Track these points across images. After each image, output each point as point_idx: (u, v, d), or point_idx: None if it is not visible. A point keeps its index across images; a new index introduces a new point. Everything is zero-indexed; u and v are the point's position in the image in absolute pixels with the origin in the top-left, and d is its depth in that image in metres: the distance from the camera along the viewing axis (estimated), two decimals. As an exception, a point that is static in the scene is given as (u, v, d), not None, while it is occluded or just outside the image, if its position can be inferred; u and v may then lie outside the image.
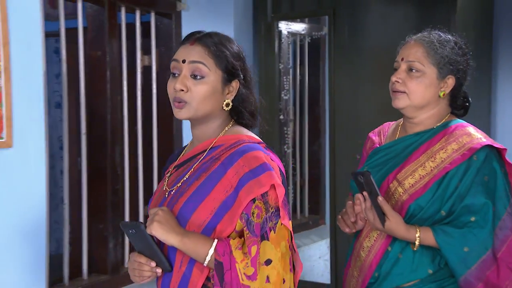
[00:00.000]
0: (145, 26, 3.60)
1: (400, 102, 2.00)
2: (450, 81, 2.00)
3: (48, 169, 2.78)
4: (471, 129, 1.99)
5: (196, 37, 1.73)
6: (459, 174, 1.91)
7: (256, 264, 1.63)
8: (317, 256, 4.13)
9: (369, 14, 3.65)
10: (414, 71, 1.97)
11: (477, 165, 1.90)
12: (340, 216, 2.10)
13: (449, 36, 2.03)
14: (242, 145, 1.72)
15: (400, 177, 1.99)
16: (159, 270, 1.70)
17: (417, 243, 1.89)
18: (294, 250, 1.74)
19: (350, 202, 2.04)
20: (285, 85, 3.98)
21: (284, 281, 1.67)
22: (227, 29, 3.61)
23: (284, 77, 3.97)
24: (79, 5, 3.11)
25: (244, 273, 1.63)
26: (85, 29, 3.23)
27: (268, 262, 1.65)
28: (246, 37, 3.75)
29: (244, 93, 1.78)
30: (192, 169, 1.77)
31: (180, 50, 1.73)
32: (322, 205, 4.51)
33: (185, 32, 3.64)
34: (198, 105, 1.70)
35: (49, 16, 3.62)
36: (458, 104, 2.08)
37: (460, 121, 2.05)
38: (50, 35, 3.59)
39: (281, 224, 1.68)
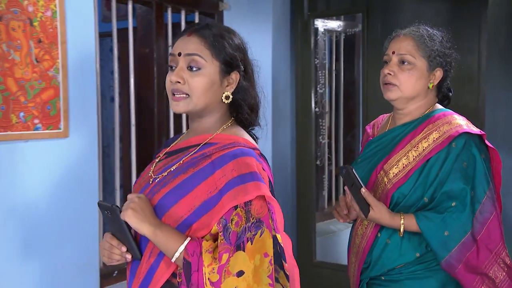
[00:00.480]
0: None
1: (392, 94, 2.00)
2: (438, 73, 2.00)
3: (100, 157, 2.88)
4: (453, 117, 1.98)
5: (194, 29, 1.63)
6: (439, 162, 1.91)
7: (222, 272, 1.49)
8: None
9: (401, 11, 3.62)
10: (405, 63, 1.97)
11: (456, 152, 1.90)
12: (334, 208, 2.13)
13: (436, 31, 2.03)
14: (236, 148, 1.61)
15: (386, 167, 1.99)
16: (128, 256, 1.61)
17: (402, 229, 1.90)
18: (285, 262, 1.57)
19: (342, 195, 2.08)
20: (320, 79, 4.01)
21: None
22: (266, 27, 3.66)
23: (320, 72, 4.00)
24: (130, 7, 3.22)
25: (208, 278, 1.50)
26: (135, 29, 3.35)
27: (240, 273, 1.50)
28: (283, 34, 3.78)
29: (244, 85, 1.68)
30: (181, 161, 1.66)
31: (177, 43, 1.65)
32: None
33: (227, 31, 3.73)
34: (198, 98, 1.59)
35: (106, 18, 3.75)
36: (444, 95, 2.09)
37: (444, 110, 2.04)
38: (106, 35, 3.73)
39: (260, 236, 1.54)
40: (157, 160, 1.76)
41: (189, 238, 1.54)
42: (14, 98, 2.32)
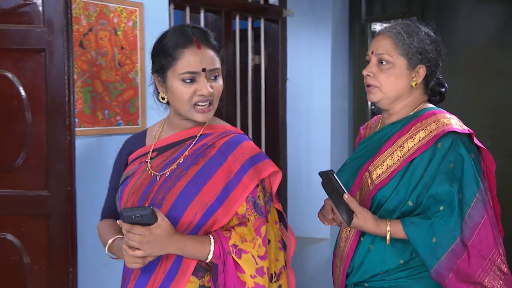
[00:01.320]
0: (256, 31, 3.81)
1: (374, 96, 1.83)
2: (421, 71, 1.79)
3: None
4: (442, 115, 1.76)
5: (200, 39, 1.61)
6: (424, 163, 1.70)
7: (266, 243, 1.57)
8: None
9: (456, 13, 3.59)
10: (384, 63, 1.77)
11: (442, 152, 1.68)
12: (320, 212, 1.92)
13: (419, 26, 1.83)
14: (233, 135, 1.68)
15: (371, 168, 1.79)
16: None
17: (388, 237, 1.68)
18: (287, 229, 1.71)
19: (327, 198, 1.81)
20: None
21: (277, 260, 1.63)
22: (325, 31, 3.74)
23: None
24: (202, 16, 3.37)
25: (257, 256, 1.55)
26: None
27: (268, 242, 1.60)
28: (342, 38, 3.85)
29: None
30: (186, 153, 1.66)
31: (192, 57, 1.57)
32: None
33: (289, 34, 3.82)
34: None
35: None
36: (434, 91, 1.88)
37: (433, 108, 1.83)
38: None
39: (273, 207, 1.67)
40: (148, 158, 1.70)
41: (213, 242, 1.53)
42: (100, 98, 2.52)
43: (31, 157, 2.20)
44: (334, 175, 1.68)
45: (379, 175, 1.76)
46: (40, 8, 2.15)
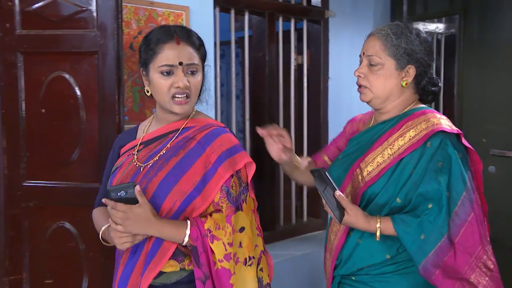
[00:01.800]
0: (299, 32, 3.83)
1: (364, 97, 1.81)
2: (411, 71, 1.76)
3: None
4: (432, 115, 1.74)
5: (181, 36, 1.68)
6: (413, 161, 1.69)
7: (234, 232, 1.63)
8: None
9: (499, 12, 3.48)
10: (373, 64, 1.76)
11: (431, 151, 1.67)
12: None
13: (408, 27, 1.79)
14: (214, 128, 1.74)
15: (362, 165, 1.78)
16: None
17: (378, 233, 1.67)
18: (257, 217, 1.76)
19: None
20: None
21: (256, 246, 1.69)
22: (366, 31, 3.65)
23: None
24: (246, 18, 3.43)
25: (227, 243, 1.61)
26: (250, 37, 3.53)
27: (242, 229, 1.66)
28: (383, 38, 3.81)
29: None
30: (168, 145, 1.72)
31: (170, 51, 1.64)
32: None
33: (331, 34, 3.82)
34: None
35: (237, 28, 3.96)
36: (426, 91, 1.83)
37: (424, 108, 1.80)
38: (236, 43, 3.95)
39: (249, 196, 1.71)
40: (135, 150, 1.76)
41: (189, 224, 1.60)
42: (147, 96, 2.59)
43: (85, 152, 2.31)
44: (326, 173, 1.68)
45: (369, 172, 1.76)
46: (94, 14, 2.25)
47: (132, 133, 1.85)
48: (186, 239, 1.58)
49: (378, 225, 1.66)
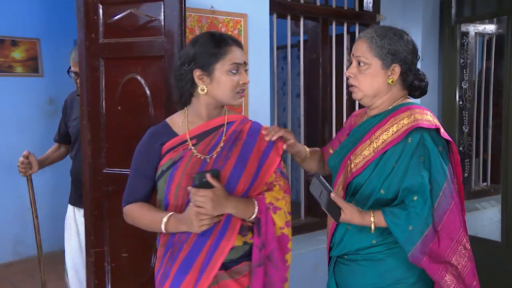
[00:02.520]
0: (351, 35, 3.84)
1: (355, 95, 1.83)
2: (396, 69, 1.76)
3: None
4: (414, 111, 1.74)
5: (237, 41, 1.78)
6: (395, 155, 1.70)
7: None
8: (490, 218, 3.98)
9: None
10: (361, 64, 1.78)
11: (411, 147, 1.68)
12: None
13: (392, 28, 1.80)
14: (251, 122, 1.87)
15: (352, 157, 1.81)
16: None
17: (372, 227, 1.69)
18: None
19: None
20: (465, 77, 3.86)
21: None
22: (415, 33, 3.66)
23: (464, 70, 3.85)
24: (301, 22, 3.48)
25: (287, 212, 1.77)
26: (306, 41, 3.57)
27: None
28: (432, 39, 3.75)
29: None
30: (224, 137, 1.79)
31: (237, 52, 1.74)
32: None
33: (382, 37, 3.78)
34: None
35: (294, 32, 4.03)
36: (414, 87, 1.84)
37: (410, 103, 1.80)
38: (294, 46, 4.01)
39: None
40: (189, 144, 1.78)
41: (256, 202, 1.72)
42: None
43: (154, 144, 2.44)
44: (321, 176, 1.70)
45: (356, 163, 1.78)
46: (162, 23, 2.37)
47: (168, 131, 1.83)
48: (255, 213, 1.70)
49: (372, 219, 1.68)
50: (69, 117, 2.93)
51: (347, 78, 1.85)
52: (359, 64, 1.78)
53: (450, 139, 1.75)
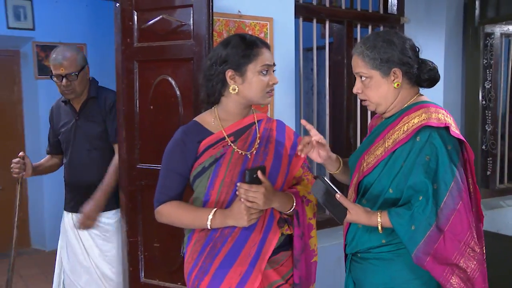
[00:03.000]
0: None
1: (370, 108, 1.77)
2: (398, 72, 1.68)
3: (300, 132, 3.03)
4: (426, 109, 1.64)
5: (266, 43, 1.77)
6: (403, 154, 1.62)
7: None
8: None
9: None
10: (363, 79, 1.72)
11: (419, 145, 1.59)
12: None
13: (379, 35, 1.71)
14: (275, 120, 1.89)
15: (366, 157, 1.74)
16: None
17: (379, 227, 1.61)
18: None
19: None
20: (488, 77, 3.72)
21: None
22: (439, 34, 3.57)
23: (488, 70, 3.71)
24: (327, 25, 3.43)
25: (315, 205, 1.79)
26: (331, 43, 3.52)
27: None
28: (455, 40, 3.64)
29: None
30: (258, 135, 1.79)
31: (267, 54, 1.73)
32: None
33: (407, 39, 3.69)
34: None
35: (322, 35, 3.98)
36: (422, 78, 1.72)
37: (423, 102, 1.70)
38: (322, 48, 3.95)
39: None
40: (230, 142, 1.75)
41: (294, 196, 1.74)
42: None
43: (184, 141, 2.45)
44: (324, 178, 1.63)
45: (368, 163, 1.71)
46: (191, 28, 2.38)
47: (201, 129, 1.79)
48: (294, 205, 1.72)
49: (379, 219, 1.61)
50: (57, 125, 2.78)
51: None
52: (362, 78, 1.73)
53: (462, 138, 1.63)
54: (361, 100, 1.80)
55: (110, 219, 2.70)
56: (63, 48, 2.64)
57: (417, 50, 1.74)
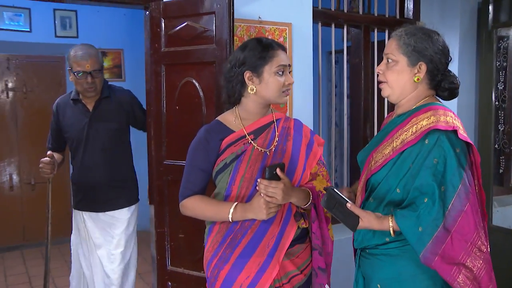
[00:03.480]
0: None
1: (384, 92, 1.69)
2: (423, 67, 1.61)
3: (319, 133, 3.11)
4: (436, 112, 1.57)
5: (281, 45, 1.75)
6: (412, 156, 1.55)
7: None
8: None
9: None
10: (389, 61, 1.65)
11: (428, 148, 1.52)
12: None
13: (422, 28, 1.64)
14: (294, 119, 1.87)
15: (375, 155, 1.68)
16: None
17: (391, 231, 1.55)
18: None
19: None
20: (501, 78, 3.60)
21: None
22: (454, 37, 3.47)
23: (501, 72, 3.59)
24: (345, 30, 3.38)
25: None
26: (349, 47, 3.47)
27: None
28: (469, 43, 3.54)
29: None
30: (277, 133, 1.78)
31: (282, 55, 1.71)
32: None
33: (422, 42, 3.60)
34: None
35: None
36: (442, 87, 1.66)
37: (433, 104, 1.62)
38: (340, 52, 3.91)
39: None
40: (250, 140, 1.75)
41: (311, 192, 1.74)
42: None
43: (206, 138, 2.46)
44: (334, 189, 1.57)
45: (376, 161, 1.65)
46: (213, 33, 2.39)
47: (223, 128, 1.79)
48: (311, 199, 1.72)
49: (390, 224, 1.55)
50: (64, 121, 2.62)
51: (377, 75, 1.72)
52: (388, 61, 1.66)
53: (470, 141, 1.57)
54: (378, 83, 1.73)
55: (123, 215, 2.66)
56: (84, 46, 2.55)
57: (449, 59, 1.67)
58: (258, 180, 1.62)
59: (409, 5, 3.59)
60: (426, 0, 3.55)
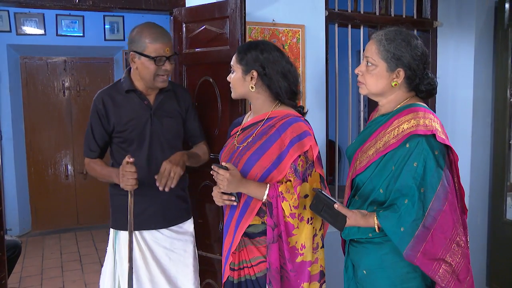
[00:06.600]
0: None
1: (361, 91, 1.66)
2: (401, 73, 1.58)
3: (327, 131, 3.02)
4: (417, 114, 1.53)
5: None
6: (394, 159, 1.53)
7: (299, 198, 1.67)
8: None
9: None
10: (369, 65, 1.61)
11: (409, 152, 1.50)
12: None
13: (402, 33, 1.58)
14: (290, 118, 1.73)
15: (359, 154, 1.65)
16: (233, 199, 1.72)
17: (377, 228, 1.54)
18: (326, 187, 1.76)
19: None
20: None
21: None
22: (470, 36, 3.34)
23: None
24: (361, 30, 3.33)
25: (292, 206, 1.67)
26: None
27: (306, 196, 1.69)
28: (486, 42, 3.38)
29: (265, 80, 1.74)
30: (256, 132, 1.76)
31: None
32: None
33: (440, 42, 3.50)
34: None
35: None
36: (420, 89, 1.62)
37: (414, 106, 1.58)
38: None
39: (315, 171, 1.71)
40: (237, 134, 1.83)
41: (268, 186, 1.68)
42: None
43: (221, 131, 2.52)
44: (322, 192, 1.57)
45: (361, 162, 1.63)
46: (228, 36, 2.43)
47: (240, 121, 1.92)
48: (265, 196, 1.68)
49: (376, 221, 1.55)
50: (117, 118, 2.04)
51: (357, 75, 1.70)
52: (368, 64, 1.63)
53: (448, 143, 1.54)
54: (357, 81, 1.69)
55: (180, 229, 2.20)
56: (157, 25, 1.97)
57: (427, 62, 1.63)
58: (212, 165, 1.69)
59: (427, 5, 3.48)
60: (443, 0, 3.43)
